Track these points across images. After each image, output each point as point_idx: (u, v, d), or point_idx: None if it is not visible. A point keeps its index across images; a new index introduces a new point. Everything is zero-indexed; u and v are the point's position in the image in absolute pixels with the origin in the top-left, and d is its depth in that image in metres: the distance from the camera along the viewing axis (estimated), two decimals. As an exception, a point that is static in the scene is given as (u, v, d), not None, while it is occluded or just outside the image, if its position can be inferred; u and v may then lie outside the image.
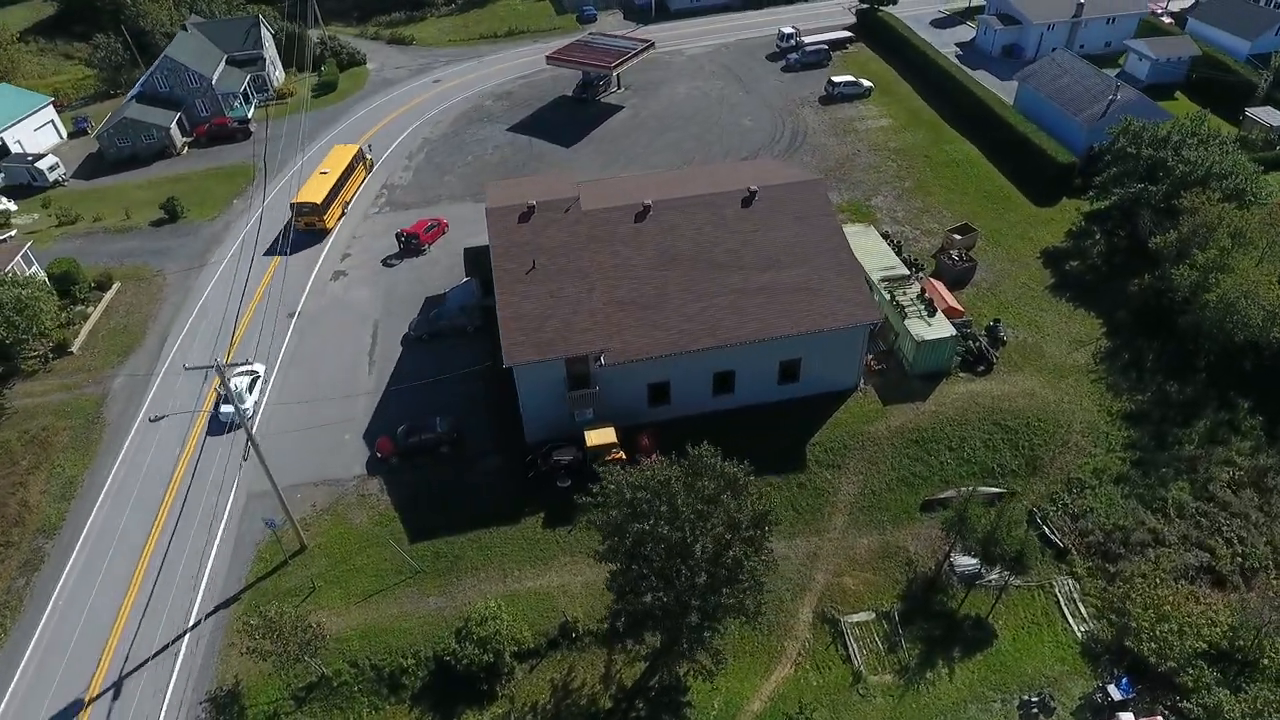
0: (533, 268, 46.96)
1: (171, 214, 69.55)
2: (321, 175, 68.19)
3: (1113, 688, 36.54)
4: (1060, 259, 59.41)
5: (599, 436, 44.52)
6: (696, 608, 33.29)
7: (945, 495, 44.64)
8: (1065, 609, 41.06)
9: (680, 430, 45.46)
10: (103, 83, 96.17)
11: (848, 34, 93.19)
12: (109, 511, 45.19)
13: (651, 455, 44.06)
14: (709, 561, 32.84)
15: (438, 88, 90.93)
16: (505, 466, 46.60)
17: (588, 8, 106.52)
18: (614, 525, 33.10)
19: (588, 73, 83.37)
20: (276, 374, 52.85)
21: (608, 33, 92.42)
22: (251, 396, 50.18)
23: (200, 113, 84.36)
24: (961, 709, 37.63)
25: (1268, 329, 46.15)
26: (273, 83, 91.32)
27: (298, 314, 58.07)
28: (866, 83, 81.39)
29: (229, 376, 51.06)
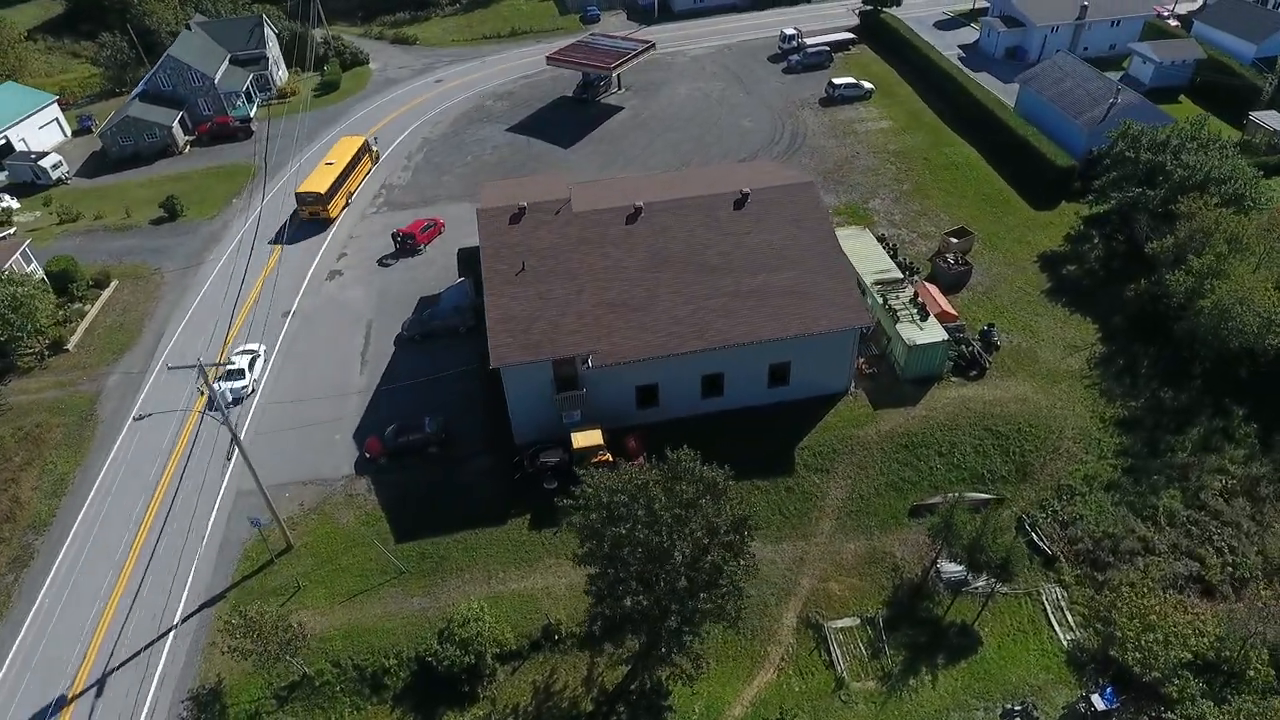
0: (522, 269, 46.94)
1: (171, 212, 70.05)
2: (327, 166, 69.26)
3: (1096, 697, 36.22)
4: (1057, 263, 58.96)
5: (585, 439, 44.47)
6: (675, 612, 33.22)
7: (933, 501, 44.34)
8: (1052, 617, 40.73)
9: (669, 433, 45.15)
10: (109, 81, 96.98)
11: (850, 35, 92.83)
12: (99, 508, 45.44)
13: (639, 458, 44.14)
14: (688, 566, 32.71)
15: (439, 88, 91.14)
16: (494, 467, 46.61)
17: (591, 8, 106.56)
18: (591, 529, 33.02)
19: (587, 73, 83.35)
20: (268, 375, 53.00)
21: (608, 34, 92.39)
22: (251, 374, 51.54)
23: (203, 111, 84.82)
24: (944, 716, 37.37)
25: (1263, 336, 45.66)
26: (275, 82, 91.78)
27: (292, 313, 58.27)
28: (867, 84, 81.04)
29: (232, 356, 52.72)
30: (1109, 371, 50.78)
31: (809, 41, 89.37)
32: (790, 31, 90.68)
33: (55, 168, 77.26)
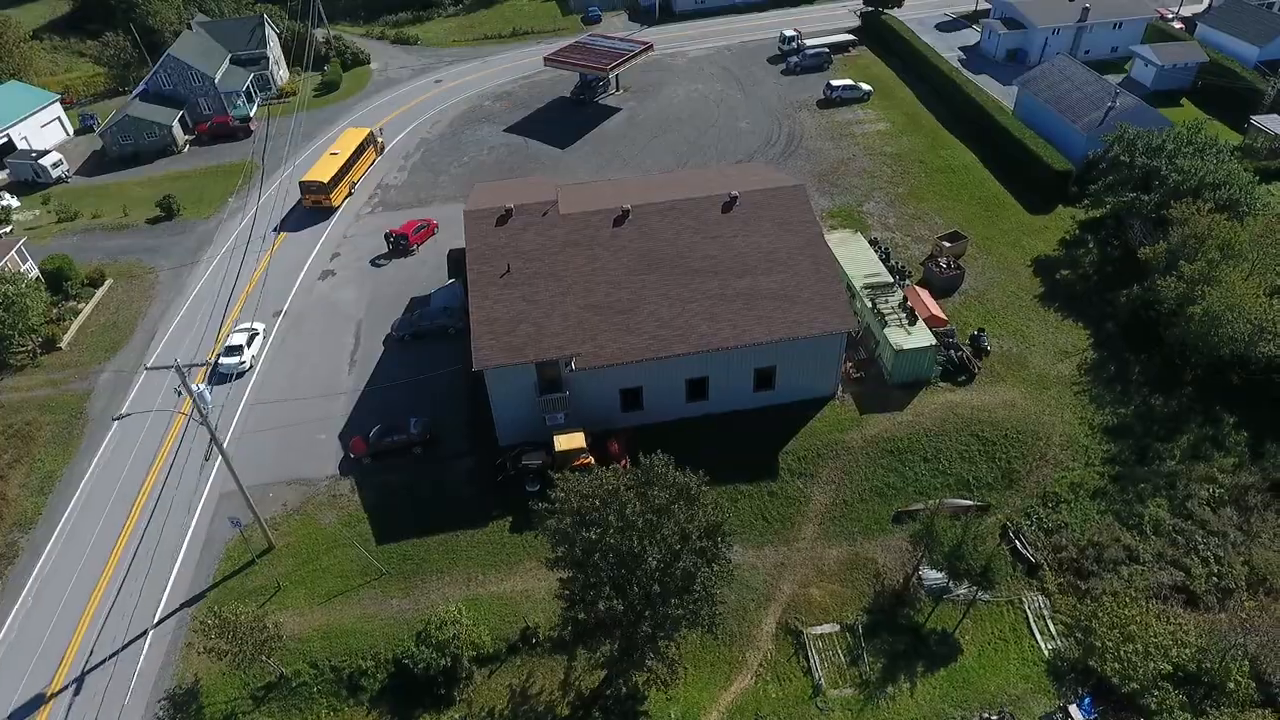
0: (507, 271, 46.91)
1: (168, 211, 70.38)
2: (331, 156, 70.78)
3: (1074, 708, 35.93)
4: (1052, 268, 58.46)
5: (567, 441, 44.38)
6: (648, 617, 33.11)
7: (917, 507, 44.05)
8: (1034, 626, 40.42)
9: (653, 436, 45.21)
10: (113, 80, 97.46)
11: (851, 37, 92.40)
12: (85, 506, 45.69)
13: (621, 461, 44.02)
14: (661, 571, 32.58)
15: (439, 88, 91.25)
16: (477, 469, 46.59)
17: (593, 9, 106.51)
18: (562, 533, 32.94)
19: (585, 75, 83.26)
20: (258, 375, 53.20)
21: (606, 34, 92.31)
22: (250, 350, 53.28)
23: (203, 111, 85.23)
24: (920, 725, 37.19)
25: (1254, 343, 45.16)
26: (276, 81, 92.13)
27: (284, 313, 58.44)
28: (865, 86, 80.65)
29: (232, 334, 54.15)
30: (1099, 378, 50.34)
31: (808, 43, 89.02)
32: (790, 33, 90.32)
33: (55, 166, 77.73)
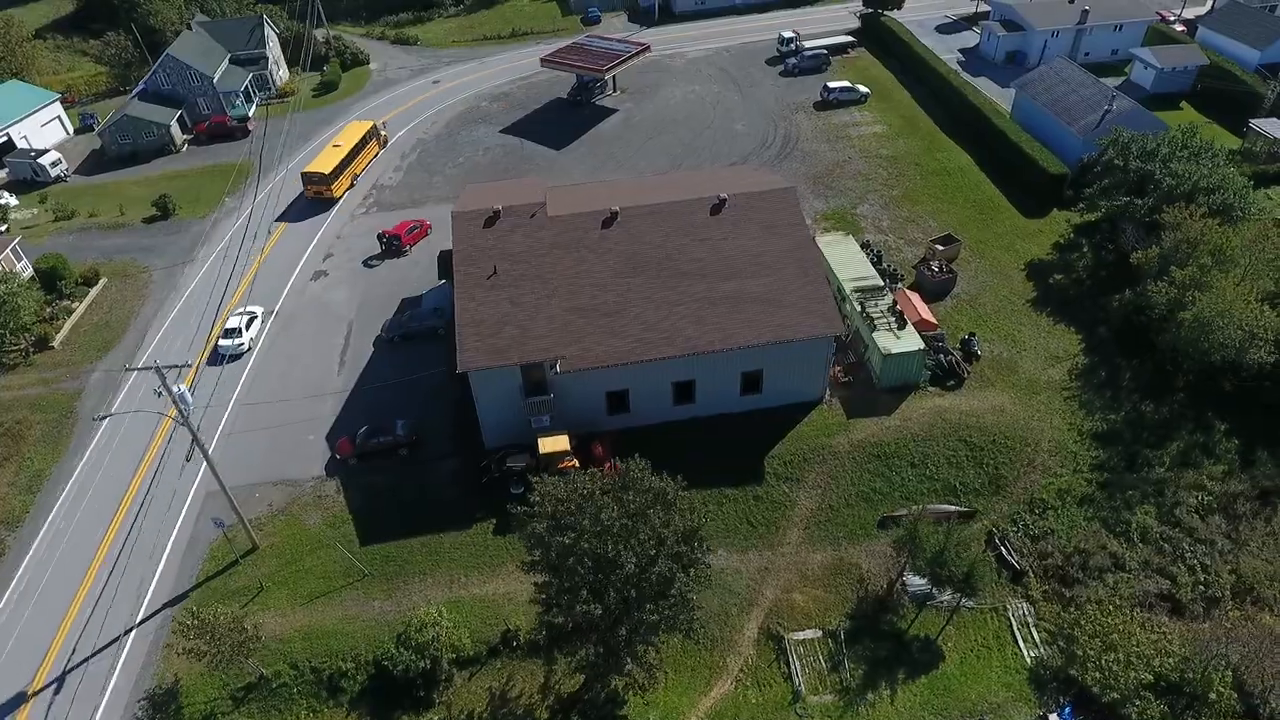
0: (494, 273, 46.87)
1: (164, 211, 70.61)
2: (334, 148, 72.25)
3: (1055, 717, 35.68)
4: (1045, 272, 58.11)
5: (552, 444, 44.31)
6: (626, 622, 32.98)
7: (902, 512, 43.81)
8: (1018, 633, 40.15)
9: (639, 439, 45.29)
10: (114, 80, 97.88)
11: (850, 39, 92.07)
12: (72, 505, 45.87)
13: (605, 464, 43.97)
14: (637, 576, 32.44)
15: (437, 88, 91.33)
16: (462, 471, 46.57)
17: (592, 10, 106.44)
18: (537, 537, 32.85)
19: (581, 76, 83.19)
20: (247, 376, 53.29)
21: (603, 35, 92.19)
22: (249, 333, 54.72)
23: (201, 111, 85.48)
24: (900, 732, 36.99)
25: (1245, 349, 44.76)
26: (275, 81, 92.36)
27: (275, 313, 58.53)
28: (863, 88, 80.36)
29: (231, 317, 55.34)
30: (1090, 383, 50.00)
31: (807, 45, 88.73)
32: (788, 34, 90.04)
33: (54, 165, 78.03)
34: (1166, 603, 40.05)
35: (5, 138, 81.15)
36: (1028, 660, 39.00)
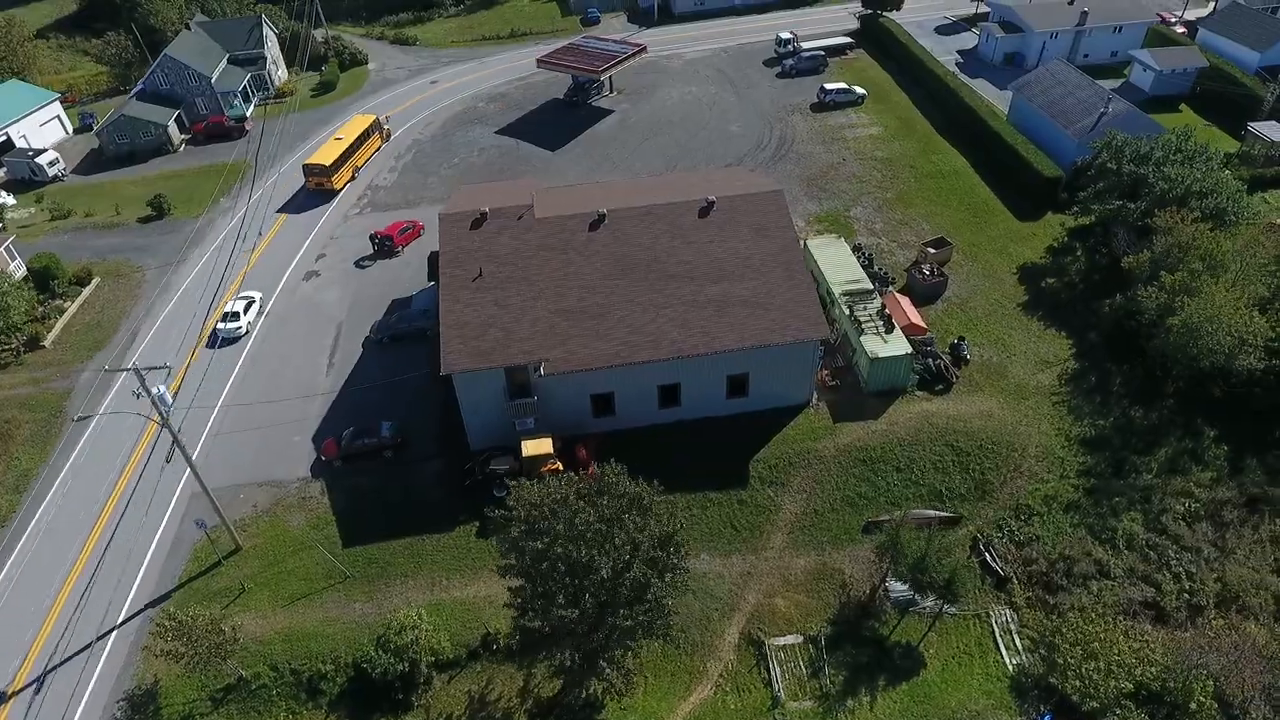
0: (480, 275, 46.83)
1: (159, 211, 70.82)
2: (336, 141, 73.71)
3: (1034, 725, 35.44)
4: (1037, 276, 57.78)
5: (535, 447, 44.22)
6: (601, 627, 32.90)
7: (887, 518, 43.56)
8: (1000, 640, 39.90)
9: (625, 442, 45.28)
10: (114, 79, 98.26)
11: (848, 40, 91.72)
12: (59, 505, 45.99)
13: (589, 467, 43.88)
14: (612, 581, 32.35)
15: (434, 89, 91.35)
16: (446, 473, 46.53)
17: (592, 10, 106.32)
18: (511, 542, 32.77)
19: (577, 76, 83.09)
20: (237, 373, 53.39)
21: (600, 36, 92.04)
22: (246, 317, 56.16)
23: (200, 111, 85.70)
24: (878, 740, 36.79)
25: (1234, 355, 44.36)
26: (273, 81, 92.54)
27: (266, 313, 58.62)
28: (859, 90, 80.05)
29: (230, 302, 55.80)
30: (1079, 389, 49.67)
31: (804, 46, 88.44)
32: (786, 35, 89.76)
33: (52, 165, 78.37)
34: (1151, 610, 39.73)
35: (4, 137, 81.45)
36: (1009, 667, 38.76)
